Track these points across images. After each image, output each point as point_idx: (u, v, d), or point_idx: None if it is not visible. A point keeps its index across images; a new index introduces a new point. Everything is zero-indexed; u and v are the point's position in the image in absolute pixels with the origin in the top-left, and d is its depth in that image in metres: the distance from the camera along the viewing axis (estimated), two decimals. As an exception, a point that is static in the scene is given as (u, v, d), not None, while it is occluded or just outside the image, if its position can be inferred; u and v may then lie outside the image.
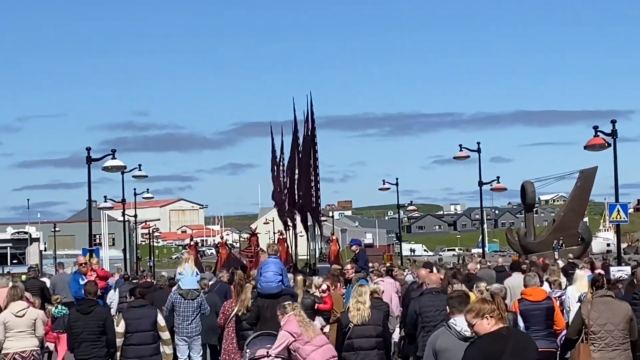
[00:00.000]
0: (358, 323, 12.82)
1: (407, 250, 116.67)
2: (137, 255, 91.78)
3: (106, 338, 13.87)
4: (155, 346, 14.20)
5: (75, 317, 14.16)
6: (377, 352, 12.88)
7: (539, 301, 13.49)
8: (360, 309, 12.87)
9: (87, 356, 13.84)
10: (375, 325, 12.94)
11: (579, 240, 48.91)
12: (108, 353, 14.00)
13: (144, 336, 14.08)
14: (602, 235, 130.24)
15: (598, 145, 28.97)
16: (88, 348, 13.82)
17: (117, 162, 32.45)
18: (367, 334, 12.85)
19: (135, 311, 14.32)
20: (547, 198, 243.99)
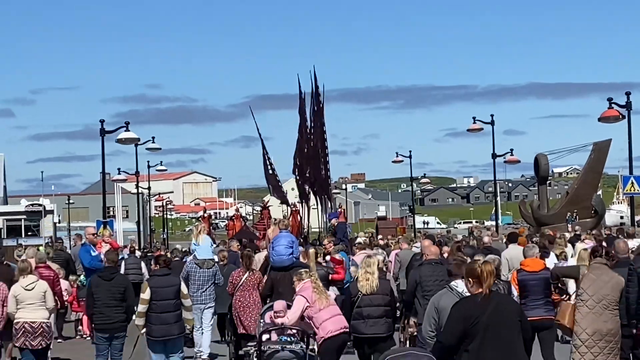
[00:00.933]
0: (367, 292, 13.19)
1: (420, 223, 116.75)
2: (150, 227, 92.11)
3: (126, 304, 14.54)
4: (178, 313, 14.55)
5: (96, 284, 14.78)
6: (385, 320, 13.27)
7: (536, 271, 13.92)
8: (369, 279, 13.24)
9: (108, 321, 14.44)
10: (383, 295, 13.34)
11: (592, 212, 48.76)
12: (127, 319, 14.63)
13: (167, 303, 14.44)
14: (616, 207, 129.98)
15: (612, 118, 28.97)
16: (109, 313, 14.42)
17: (130, 135, 32.54)
18: (375, 303, 13.23)
19: (160, 279, 14.65)
20: (560, 170, 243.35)
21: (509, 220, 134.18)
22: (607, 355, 11.70)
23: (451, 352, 8.40)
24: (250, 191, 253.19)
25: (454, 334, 8.37)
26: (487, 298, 8.40)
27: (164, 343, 14.43)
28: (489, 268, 8.51)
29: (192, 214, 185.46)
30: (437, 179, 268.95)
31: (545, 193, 53.04)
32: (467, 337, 8.31)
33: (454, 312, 8.56)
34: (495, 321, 8.30)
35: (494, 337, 8.28)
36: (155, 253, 27.74)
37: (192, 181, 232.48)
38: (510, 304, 8.77)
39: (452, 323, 8.49)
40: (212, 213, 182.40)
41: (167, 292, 14.51)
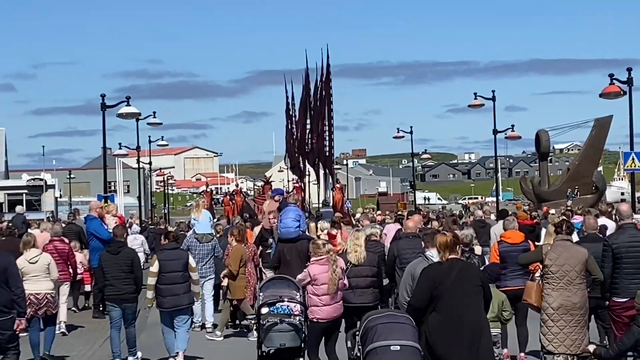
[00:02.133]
0: (355, 263, 13.82)
1: (421, 199, 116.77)
2: (151, 202, 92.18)
3: (134, 276, 15.21)
4: (186, 285, 15.17)
5: (105, 257, 15.55)
6: (372, 290, 13.94)
7: (516, 243, 14.67)
8: (357, 250, 13.86)
9: (118, 292, 15.15)
10: (370, 266, 13.99)
11: (593, 188, 48.72)
12: (136, 290, 15.33)
13: (175, 276, 15.07)
14: (617, 184, 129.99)
15: (613, 94, 28.93)
16: (118, 285, 15.13)
17: (131, 109, 32.46)
18: (363, 273, 13.87)
19: (168, 253, 15.34)
20: (561, 147, 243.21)
21: (509, 197, 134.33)
22: (573, 327, 12.08)
23: (421, 312, 9.49)
24: (251, 166, 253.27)
25: (423, 296, 9.53)
26: (449, 265, 9.57)
27: (174, 314, 15.05)
28: (442, 239, 9.76)
29: (193, 189, 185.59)
30: (438, 155, 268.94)
31: (546, 169, 52.99)
32: (434, 298, 9.42)
33: (422, 277, 9.78)
34: (458, 285, 9.44)
35: (456, 298, 9.38)
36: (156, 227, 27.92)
37: (193, 156, 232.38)
38: (471, 270, 9.92)
39: (420, 287, 9.71)
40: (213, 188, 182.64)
41: (175, 264, 15.12)
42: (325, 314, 12.80)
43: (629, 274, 12.23)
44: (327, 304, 12.79)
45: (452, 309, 9.40)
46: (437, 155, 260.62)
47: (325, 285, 12.72)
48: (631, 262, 12.29)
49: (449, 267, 9.59)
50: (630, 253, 12.35)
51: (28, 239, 15.63)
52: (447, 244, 9.74)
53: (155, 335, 16.90)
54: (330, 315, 12.85)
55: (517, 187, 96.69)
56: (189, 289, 15.23)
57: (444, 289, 9.43)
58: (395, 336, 9.31)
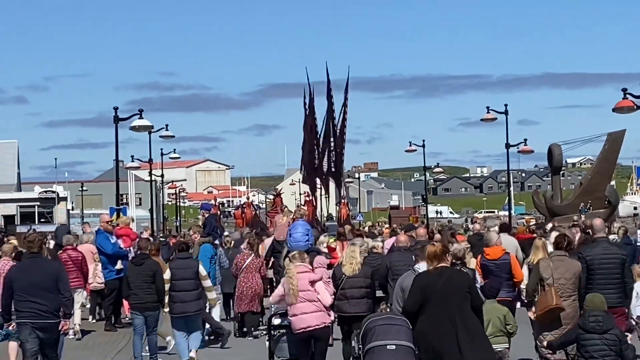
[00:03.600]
0: (350, 275, 14.83)
1: (433, 213, 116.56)
2: (163, 215, 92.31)
3: (155, 286, 15.97)
4: (197, 292, 16.16)
5: (130, 269, 16.63)
6: (366, 300, 14.87)
7: (494, 259, 15.84)
8: (352, 262, 14.91)
9: (141, 301, 16.05)
10: (364, 278, 14.99)
11: (606, 203, 48.63)
12: (158, 299, 16.07)
13: (186, 283, 16.10)
14: (629, 198, 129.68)
15: (627, 108, 28.80)
16: (141, 294, 16.01)
17: (144, 122, 32.47)
18: (357, 284, 14.87)
19: (180, 262, 16.49)
20: (574, 161, 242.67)
21: (522, 211, 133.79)
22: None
23: (414, 316, 10.27)
24: (263, 179, 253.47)
25: (415, 301, 10.34)
26: (438, 272, 10.35)
27: (184, 320, 16.02)
28: (431, 249, 10.64)
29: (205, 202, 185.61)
30: (451, 169, 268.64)
31: (559, 183, 52.93)
32: (424, 303, 10.20)
33: (414, 283, 10.64)
34: (446, 290, 10.19)
35: (445, 302, 10.13)
36: (170, 240, 28.07)
37: (205, 169, 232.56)
38: (460, 277, 10.63)
39: (412, 292, 10.54)
40: (225, 201, 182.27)
41: (185, 273, 16.14)
42: (295, 323, 13.14)
43: (602, 284, 13.08)
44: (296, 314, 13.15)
45: (440, 312, 10.13)
46: (449, 168, 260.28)
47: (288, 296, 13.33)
48: (604, 273, 13.26)
49: (438, 274, 10.36)
50: (603, 265, 13.30)
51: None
52: (436, 253, 10.54)
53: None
54: (300, 326, 13.09)
55: (529, 201, 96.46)
56: (199, 297, 16.17)
57: (432, 294, 10.21)
58: (392, 337, 10.15)
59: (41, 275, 12.68)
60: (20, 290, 12.62)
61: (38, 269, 12.80)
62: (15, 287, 12.68)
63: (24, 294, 12.58)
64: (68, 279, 13.45)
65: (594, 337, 11.05)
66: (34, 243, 13.13)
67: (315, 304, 13.21)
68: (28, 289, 12.57)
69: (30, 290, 12.55)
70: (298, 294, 13.17)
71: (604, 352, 10.98)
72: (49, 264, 13.49)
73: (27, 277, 12.69)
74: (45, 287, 12.56)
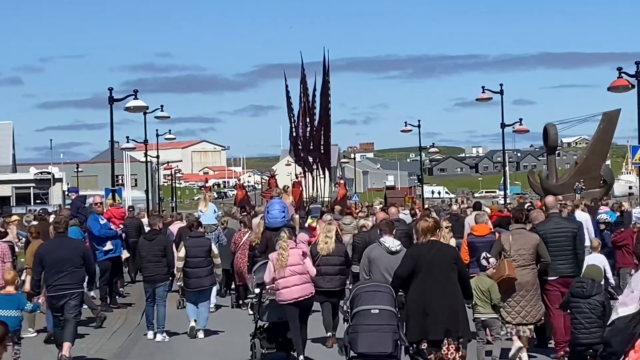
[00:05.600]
0: (324, 254, 16.05)
1: (428, 193, 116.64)
2: (159, 196, 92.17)
3: (166, 260, 17.25)
4: (209, 268, 17.62)
5: (142, 243, 17.82)
6: (339, 277, 16.17)
7: (482, 235, 16.77)
8: (327, 242, 16.12)
9: (152, 274, 17.30)
10: (338, 256, 16.19)
11: (601, 182, 48.68)
12: (168, 272, 17.42)
13: (199, 260, 17.53)
14: (624, 177, 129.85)
15: (622, 87, 28.87)
16: (152, 267, 17.25)
17: (139, 103, 32.44)
18: (332, 262, 16.09)
19: (194, 240, 17.85)
20: (569, 140, 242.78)
21: (517, 190, 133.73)
22: (527, 301, 13.80)
23: (404, 283, 11.33)
24: (258, 160, 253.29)
25: (406, 269, 11.32)
26: (429, 245, 11.31)
27: (197, 293, 17.50)
28: (424, 225, 11.49)
29: (201, 183, 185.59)
30: (446, 149, 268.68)
31: (554, 163, 52.95)
32: (417, 271, 11.18)
33: (407, 253, 11.77)
34: (435, 261, 11.16)
35: (434, 272, 11.13)
36: (166, 220, 28.28)
37: (201, 150, 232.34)
38: (448, 250, 11.67)
39: (404, 261, 11.50)
40: (220, 182, 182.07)
41: (198, 251, 17.57)
42: (281, 296, 14.30)
43: (556, 256, 14.15)
44: (284, 287, 14.25)
45: (430, 280, 11.14)
46: (445, 149, 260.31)
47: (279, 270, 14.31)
48: (557, 246, 14.26)
49: (429, 246, 11.32)
50: (555, 238, 14.33)
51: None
52: (429, 228, 11.44)
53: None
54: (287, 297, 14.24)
55: (525, 180, 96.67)
56: (211, 272, 17.64)
57: (423, 264, 11.18)
58: (376, 302, 11.34)
59: (67, 252, 14.34)
60: (49, 266, 14.25)
61: (64, 247, 14.48)
62: (45, 263, 14.31)
63: (52, 268, 14.20)
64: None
65: (579, 301, 12.36)
66: (60, 224, 14.94)
67: (304, 277, 14.42)
68: (56, 264, 14.21)
69: (57, 266, 14.19)
70: (288, 267, 14.26)
71: (585, 315, 12.26)
72: (73, 242, 15.28)
73: (54, 254, 14.34)
74: (71, 263, 14.24)
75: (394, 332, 11.25)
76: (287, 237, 14.53)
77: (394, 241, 13.45)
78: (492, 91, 41.75)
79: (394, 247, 13.30)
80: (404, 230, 18.32)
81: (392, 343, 11.21)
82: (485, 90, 41.71)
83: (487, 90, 41.72)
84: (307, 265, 14.48)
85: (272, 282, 14.36)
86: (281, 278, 14.21)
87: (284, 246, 14.34)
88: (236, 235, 21.28)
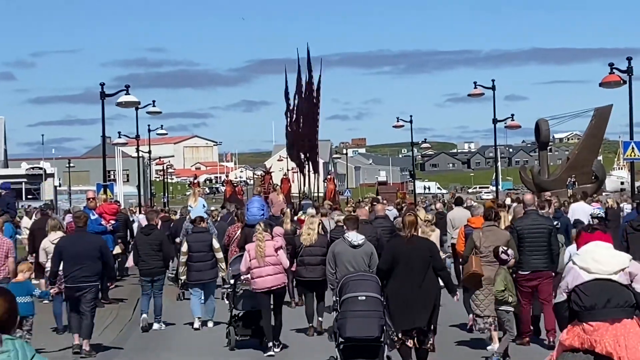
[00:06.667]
0: (307, 245, 16.73)
1: (420, 188, 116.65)
2: (151, 191, 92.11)
3: (162, 253, 17.98)
4: (211, 262, 18.16)
5: (139, 238, 18.79)
6: (321, 267, 16.23)
7: (478, 227, 16.52)
8: (310, 234, 16.80)
9: (149, 267, 17.93)
10: (320, 247, 16.68)
11: (593, 178, 48.80)
12: (164, 265, 18.29)
13: (201, 255, 18.10)
14: (616, 173, 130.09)
15: (613, 83, 28.88)
16: (149, 261, 17.90)
17: (131, 98, 32.39)
18: (314, 253, 16.72)
19: (196, 235, 18.49)
20: (561, 136, 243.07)
21: (509, 186, 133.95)
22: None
23: (386, 274, 12.18)
24: (250, 155, 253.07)
25: (386, 261, 12.27)
26: (408, 239, 12.21)
27: (201, 285, 18.13)
28: (409, 219, 12.43)
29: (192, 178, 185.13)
30: (438, 144, 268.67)
31: (546, 158, 53.09)
32: (394, 263, 12.09)
33: (388, 246, 13.02)
34: (412, 254, 12.06)
35: (411, 264, 12.02)
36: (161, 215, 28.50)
37: (193, 145, 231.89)
38: (425, 244, 12.60)
39: (385, 254, 12.56)
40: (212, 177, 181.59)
41: (200, 246, 18.13)
42: (255, 285, 15.08)
43: (531, 251, 14.78)
44: (259, 276, 15.00)
45: (406, 273, 12.02)
46: (437, 144, 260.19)
47: (254, 260, 15.04)
48: (532, 241, 14.88)
49: (409, 240, 12.22)
50: (532, 234, 14.95)
51: (55, 222, 17.98)
52: (412, 222, 12.37)
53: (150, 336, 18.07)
54: (260, 286, 15.01)
55: (516, 176, 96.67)
56: (213, 266, 18.16)
57: (402, 256, 12.09)
58: (362, 289, 12.08)
59: (86, 246, 15.05)
60: (67, 258, 15.00)
61: (83, 241, 15.20)
62: (64, 255, 15.06)
63: (71, 261, 14.94)
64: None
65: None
66: (80, 219, 15.59)
67: (276, 267, 15.13)
68: (74, 257, 14.93)
69: (75, 259, 14.91)
70: (265, 258, 14.99)
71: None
72: (92, 237, 15.97)
73: (73, 247, 15.10)
74: (89, 256, 14.93)
75: (379, 317, 11.98)
76: (262, 229, 15.28)
77: (357, 236, 14.01)
78: (484, 87, 41.74)
79: (356, 242, 13.87)
80: (387, 226, 19.32)
81: (379, 328, 11.96)
82: (477, 86, 41.70)
83: (479, 86, 41.70)
84: (280, 257, 15.19)
85: (247, 272, 15.16)
86: (256, 268, 15.01)
87: (261, 237, 15.09)
88: (230, 229, 21.67)
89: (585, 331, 6.55)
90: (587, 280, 6.77)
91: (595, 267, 6.85)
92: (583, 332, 6.56)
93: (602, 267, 6.84)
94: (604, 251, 6.99)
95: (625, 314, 6.63)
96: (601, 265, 6.85)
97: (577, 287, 6.77)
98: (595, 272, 6.82)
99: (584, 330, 6.55)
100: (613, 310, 6.60)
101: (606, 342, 6.44)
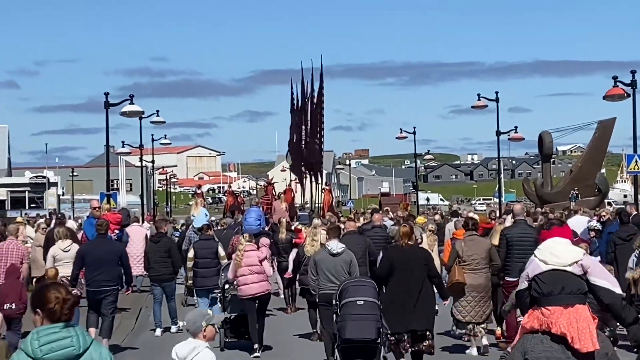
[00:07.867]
0: (311, 255, 16.80)
1: (423, 200, 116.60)
2: (154, 201, 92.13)
3: (171, 260, 18.78)
4: (216, 269, 18.49)
5: (148, 246, 19.72)
6: None
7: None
8: (313, 245, 17.56)
9: (158, 273, 18.81)
10: None
11: (596, 191, 48.75)
12: (173, 272, 19.12)
13: (207, 262, 18.57)
14: (619, 186, 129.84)
15: (617, 96, 28.88)
16: (158, 268, 18.74)
17: (135, 108, 32.39)
18: None
19: (203, 243, 19.00)
20: (564, 148, 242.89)
21: (512, 198, 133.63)
22: (478, 302, 15.39)
23: (382, 280, 13.25)
24: (254, 166, 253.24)
25: (384, 268, 13.37)
26: (404, 247, 13.22)
27: (206, 291, 18.48)
28: (404, 229, 13.43)
29: (196, 188, 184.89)
30: (441, 156, 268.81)
31: (549, 171, 53.05)
32: (391, 270, 13.11)
33: (385, 254, 14.04)
34: (408, 262, 13.08)
35: (407, 271, 13.05)
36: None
37: (196, 155, 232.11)
38: (420, 253, 13.58)
39: (383, 261, 13.74)
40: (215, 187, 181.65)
41: (206, 253, 18.65)
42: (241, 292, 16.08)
43: (519, 258, 14.86)
44: (245, 284, 15.99)
45: (403, 280, 13.01)
46: (440, 156, 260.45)
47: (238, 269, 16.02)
48: (521, 248, 15.42)
49: (404, 249, 13.17)
50: (521, 241, 15.62)
51: (64, 230, 18.12)
52: (408, 232, 13.31)
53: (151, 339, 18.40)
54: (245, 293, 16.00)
55: (520, 188, 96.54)
56: (217, 273, 18.32)
57: (398, 264, 13.10)
58: (361, 294, 12.57)
59: (106, 252, 16.06)
60: (89, 263, 15.90)
61: (104, 247, 16.28)
62: (86, 260, 15.95)
63: (92, 265, 15.85)
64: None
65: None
66: (102, 226, 16.58)
67: (260, 276, 16.12)
68: (95, 262, 15.84)
69: (97, 263, 15.82)
70: (247, 267, 15.96)
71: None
72: (112, 243, 17.39)
73: (95, 253, 16.02)
74: (109, 261, 15.89)
75: (377, 320, 12.53)
76: (245, 240, 16.38)
77: (337, 244, 14.65)
78: (487, 99, 41.75)
79: (335, 250, 14.50)
80: (383, 236, 19.71)
81: (375, 330, 12.50)
82: (480, 98, 41.70)
83: (482, 98, 41.71)
84: (264, 267, 16.28)
85: (234, 278, 16.22)
86: (241, 276, 16.04)
87: (240, 248, 16.23)
88: (234, 239, 21.70)
89: (544, 314, 7.23)
90: (545, 270, 7.47)
91: (552, 259, 7.54)
92: (541, 315, 7.23)
93: (558, 259, 7.54)
94: (561, 246, 7.68)
95: (577, 300, 7.31)
96: (557, 258, 7.55)
97: (537, 276, 7.44)
98: (552, 264, 7.52)
99: (542, 314, 7.23)
100: (567, 297, 7.29)
101: (561, 324, 7.14)
